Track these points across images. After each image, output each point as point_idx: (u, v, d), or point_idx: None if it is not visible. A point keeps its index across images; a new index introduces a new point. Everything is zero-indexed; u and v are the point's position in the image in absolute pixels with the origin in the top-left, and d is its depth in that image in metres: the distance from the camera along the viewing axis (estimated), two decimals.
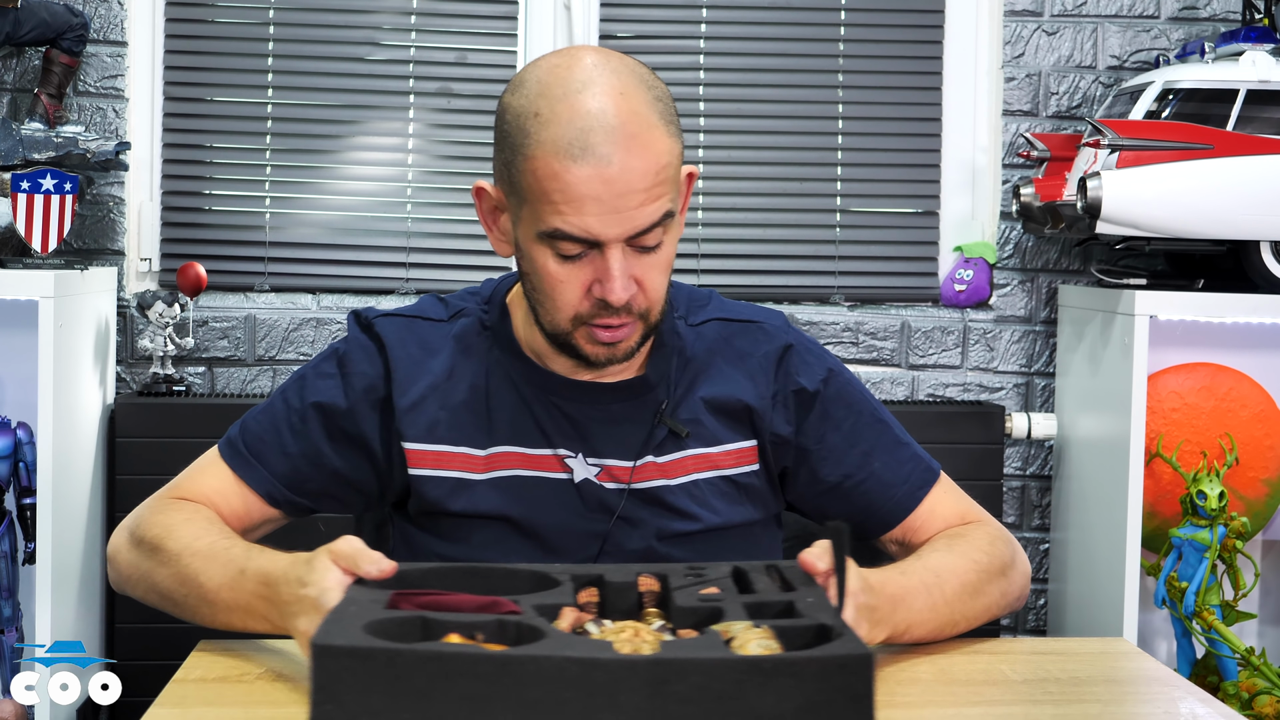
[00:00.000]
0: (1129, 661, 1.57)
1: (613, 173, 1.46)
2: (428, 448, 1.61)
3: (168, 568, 1.52)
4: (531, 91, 1.50)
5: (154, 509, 1.62)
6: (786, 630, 1.24)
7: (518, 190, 1.51)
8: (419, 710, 1.14)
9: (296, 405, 1.65)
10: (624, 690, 1.14)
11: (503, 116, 1.53)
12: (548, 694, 1.14)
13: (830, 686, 1.15)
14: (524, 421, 1.62)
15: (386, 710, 1.14)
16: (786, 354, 1.68)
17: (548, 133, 1.47)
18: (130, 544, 1.59)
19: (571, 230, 1.48)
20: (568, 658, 1.15)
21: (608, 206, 1.47)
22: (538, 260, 1.52)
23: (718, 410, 1.65)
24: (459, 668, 1.14)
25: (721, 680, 1.14)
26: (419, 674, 1.14)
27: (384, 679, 1.14)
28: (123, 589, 1.62)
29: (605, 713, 1.14)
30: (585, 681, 1.14)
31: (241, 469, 1.64)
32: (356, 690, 1.14)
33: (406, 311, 1.68)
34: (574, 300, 1.52)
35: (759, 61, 3.09)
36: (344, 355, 1.66)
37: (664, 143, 1.50)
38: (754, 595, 1.34)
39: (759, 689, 1.15)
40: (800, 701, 1.14)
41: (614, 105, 1.47)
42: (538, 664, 1.15)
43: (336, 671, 1.14)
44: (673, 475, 1.63)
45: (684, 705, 1.14)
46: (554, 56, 1.54)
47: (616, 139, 1.46)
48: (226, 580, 1.46)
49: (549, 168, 1.47)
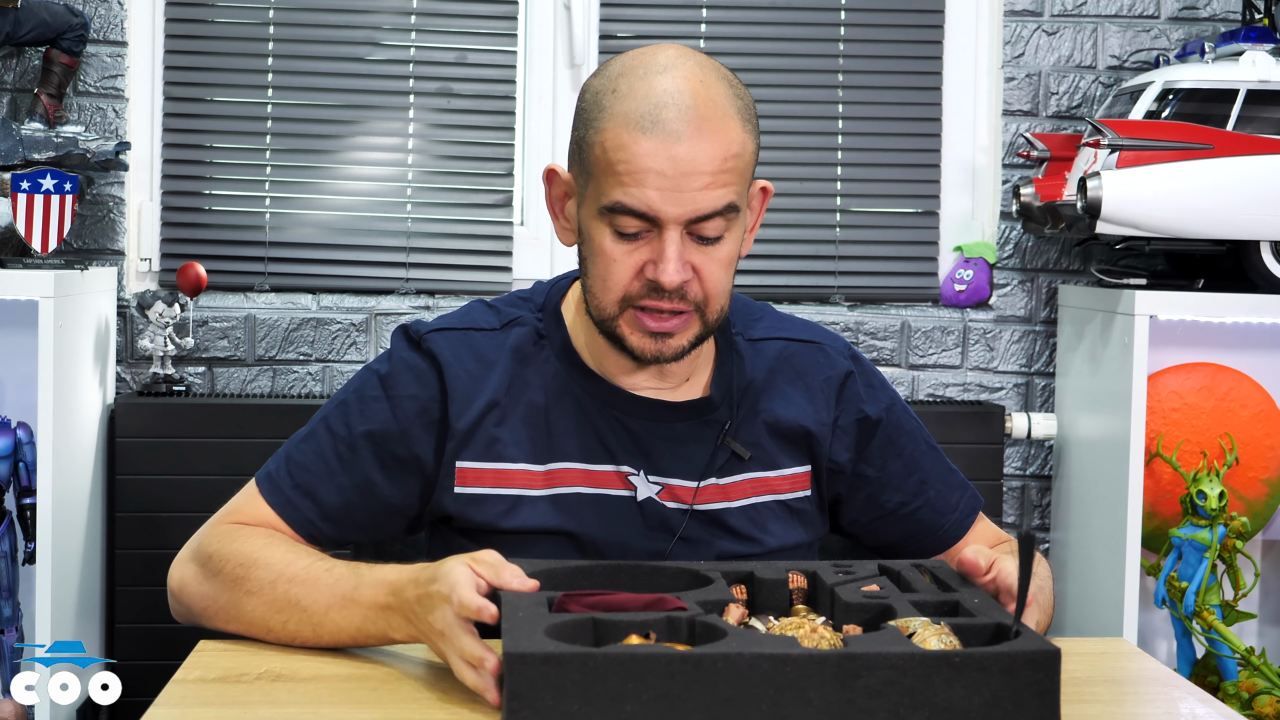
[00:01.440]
0: (1129, 661, 1.57)
1: (680, 150, 1.45)
2: (486, 465, 1.58)
3: (258, 597, 1.49)
4: (614, 71, 1.51)
5: (220, 538, 1.57)
6: (964, 628, 1.27)
7: (585, 166, 1.51)
8: (612, 712, 1.17)
9: (344, 434, 1.59)
10: (813, 684, 1.17)
11: (582, 96, 1.53)
12: (739, 691, 1.17)
13: (1018, 682, 1.19)
14: (586, 437, 1.58)
15: (580, 714, 1.16)
16: (848, 380, 1.66)
17: (621, 106, 1.47)
18: (203, 576, 1.55)
19: (631, 203, 1.46)
20: (759, 654, 1.18)
21: (670, 183, 1.45)
22: (596, 238, 1.50)
23: (777, 434, 1.63)
24: (651, 668, 1.17)
25: (911, 674, 1.18)
26: (612, 676, 1.16)
27: (577, 683, 1.16)
28: (192, 621, 1.58)
29: (795, 706, 1.17)
30: (776, 677, 1.17)
31: (283, 507, 1.58)
32: (551, 695, 1.16)
33: (458, 323, 1.62)
34: (624, 280, 1.50)
35: (759, 61, 3.09)
36: (387, 377, 1.60)
37: (736, 134, 1.48)
38: (916, 594, 1.37)
39: (947, 683, 1.18)
40: (988, 696, 1.18)
41: (690, 88, 1.47)
42: (729, 661, 1.17)
43: (531, 678, 1.17)
44: (733, 498, 1.61)
45: (873, 699, 1.18)
46: (644, 48, 1.54)
47: (688, 118, 1.45)
48: (335, 601, 1.44)
49: (617, 138, 1.46)
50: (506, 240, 3.05)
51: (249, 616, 1.50)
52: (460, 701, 1.34)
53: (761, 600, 1.43)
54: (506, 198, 3.05)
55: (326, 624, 1.45)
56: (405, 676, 1.42)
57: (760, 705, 1.17)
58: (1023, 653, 1.20)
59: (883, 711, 1.17)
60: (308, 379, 2.97)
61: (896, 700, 1.18)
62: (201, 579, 1.55)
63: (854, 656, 1.18)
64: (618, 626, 1.26)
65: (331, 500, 1.58)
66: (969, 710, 1.18)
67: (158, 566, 2.75)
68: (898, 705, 1.18)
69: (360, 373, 1.64)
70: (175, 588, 1.59)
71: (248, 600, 1.50)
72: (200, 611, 1.55)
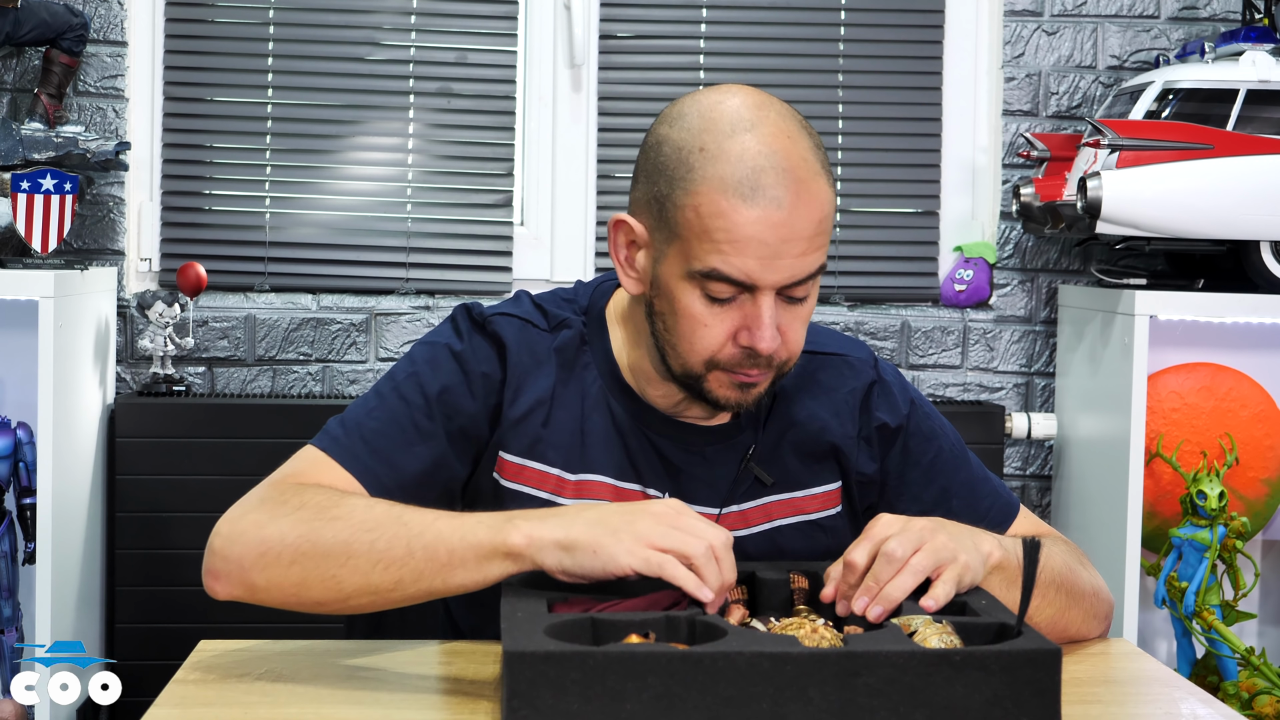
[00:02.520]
0: (1129, 662, 1.57)
1: (781, 217, 1.42)
2: (525, 462, 1.56)
3: (344, 521, 1.38)
4: (693, 125, 1.46)
5: (294, 485, 1.46)
6: (966, 627, 1.28)
7: (669, 225, 1.46)
8: (612, 711, 1.17)
9: (420, 403, 1.53)
10: (814, 683, 1.18)
11: (658, 149, 1.48)
12: (740, 689, 1.17)
13: (1018, 680, 1.19)
14: (617, 452, 1.57)
15: (581, 712, 1.17)
16: (871, 390, 1.64)
17: (714, 169, 1.42)
18: (273, 518, 1.41)
19: (730, 272, 1.43)
20: (759, 653, 1.18)
21: (771, 251, 1.42)
22: (682, 299, 1.46)
23: (804, 453, 1.62)
24: (652, 667, 1.17)
25: (912, 672, 1.18)
26: (612, 675, 1.17)
27: (577, 682, 1.17)
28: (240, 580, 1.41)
29: (795, 705, 1.18)
30: (776, 675, 1.18)
31: (363, 473, 1.49)
32: (551, 694, 1.17)
33: (516, 312, 1.59)
34: (714, 345, 1.47)
35: (759, 61, 3.09)
36: (462, 353, 1.55)
37: (826, 193, 1.45)
38: (919, 593, 1.37)
39: (948, 681, 1.18)
40: (989, 695, 1.19)
41: (783, 148, 1.43)
42: (730, 660, 1.18)
43: (530, 677, 1.17)
44: (755, 522, 1.60)
45: (874, 697, 1.18)
46: (710, 93, 1.49)
47: (786, 182, 1.42)
48: (446, 515, 1.38)
49: (715, 205, 1.42)
50: (506, 240, 3.05)
51: (326, 543, 1.38)
52: (460, 701, 1.34)
53: (763, 600, 1.44)
54: (506, 198, 3.05)
55: (428, 533, 1.36)
56: (405, 676, 1.42)
57: (760, 704, 1.17)
58: (1023, 652, 1.20)
59: (883, 710, 1.18)
60: (308, 379, 2.97)
61: (897, 699, 1.18)
62: (267, 521, 1.41)
63: (854, 655, 1.19)
64: (617, 626, 1.26)
65: (411, 469, 1.51)
66: (969, 709, 1.18)
67: (158, 566, 2.77)
68: (898, 704, 1.18)
69: (423, 348, 1.58)
70: (222, 543, 1.43)
71: (330, 525, 1.39)
72: (258, 557, 1.40)
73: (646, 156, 1.50)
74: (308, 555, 1.39)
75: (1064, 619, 1.55)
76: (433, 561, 1.36)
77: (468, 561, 1.36)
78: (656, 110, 3.15)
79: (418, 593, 1.38)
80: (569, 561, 1.32)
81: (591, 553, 1.31)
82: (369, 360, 2.98)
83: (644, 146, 1.51)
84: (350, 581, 1.38)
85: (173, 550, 2.75)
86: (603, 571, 1.31)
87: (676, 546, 1.31)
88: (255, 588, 1.41)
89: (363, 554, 1.37)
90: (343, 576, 1.38)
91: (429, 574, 1.37)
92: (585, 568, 1.32)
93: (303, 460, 1.51)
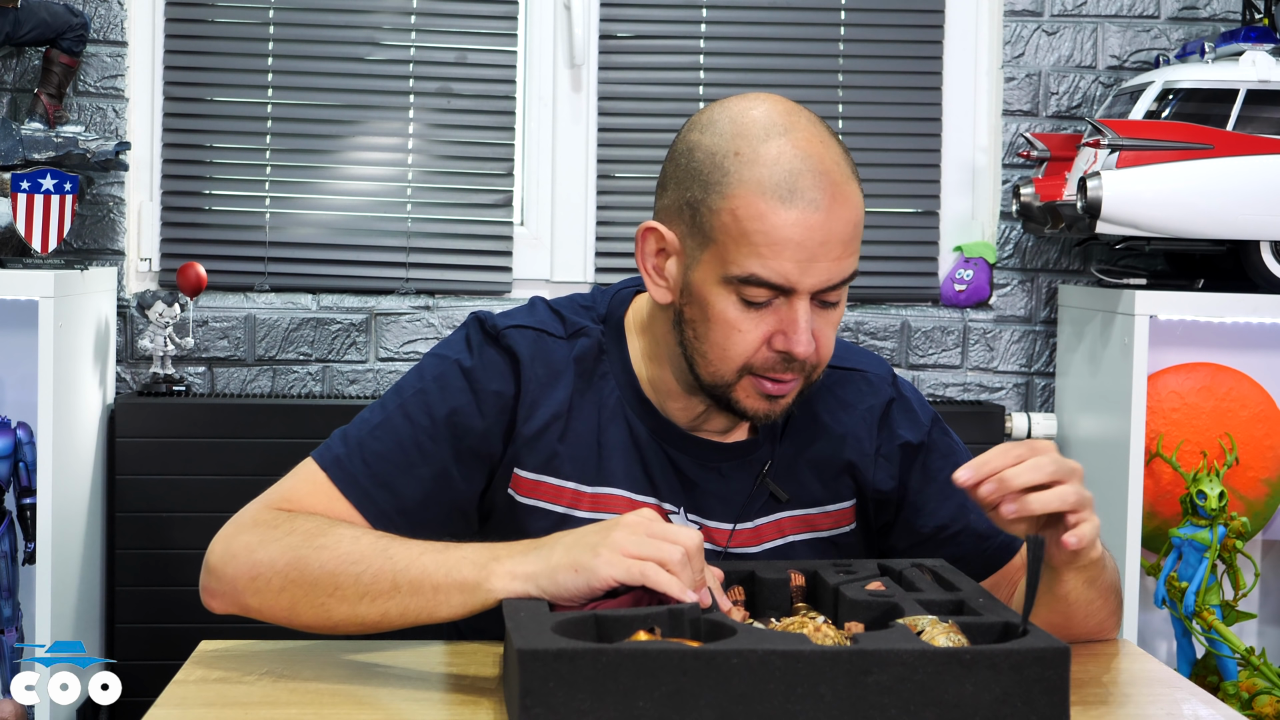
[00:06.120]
0: (1131, 662, 1.57)
1: (819, 219, 1.43)
2: (541, 478, 1.55)
3: (332, 550, 1.40)
4: (725, 130, 1.45)
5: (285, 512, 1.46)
6: (971, 626, 1.28)
7: (703, 230, 1.45)
8: (624, 708, 1.17)
9: (425, 424, 1.52)
10: (825, 681, 1.19)
11: (689, 155, 1.47)
12: (751, 687, 1.18)
13: (1027, 678, 1.20)
14: (634, 466, 1.56)
15: (592, 710, 1.17)
16: (890, 408, 1.64)
17: (751, 172, 1.42)
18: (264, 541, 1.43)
19: (768, 275, 1.43)
20: (772, 650, 1.19)
21: (808, 254, 1.43)
22: (715, 305, 1.46)
23: (820, 470, 1.61)
24: (664, 664, 1.17)
25: (922, 671, 1.19)
26: (624, 673, 1.17)
27: (590, 679, 1.17)
28: (234, 598, 1.45)
29: (806, 702, 1.19)
30: (789, 673, 1.18)
31: (362, 500, 1.49)
32: (563, 691, 1.17)
33: (530, 323, 1.57)
34: (748, 350, 1.46)
35: (759, 61, 3.09)
36: (472, 370, 1.53)
37: (858, 197, 1.48)
38: (921, 593, 1.38)
39: (958, 680, 1.19)
40: (998, 693, 1.20)
41: (817, 151, 1.44)
42: (742, 657, 1.18)
43: (543, 674, 1.17)
44: (767, 538, 1.60)
45: (884, 695, 1.19)
46: (738, 100, 1.49)
47: (823, 185, 1.43)
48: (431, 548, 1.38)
49: (753, 208, 1.42)
50: (506, 240, 3.04)
51: (313, 573, 1.39)
52: (462, 701, 1.34)
53: (762, 600, 1.44)
54: (506, 198, 3.05)
55: (413, 569, 1.37)
56: (406, 676, 1.42)
57: (772, 701, 1.18)
58: (1032, 650, 1.21)
59: (894, 708, 1.18)
60: (308, 379, 2.97)
61: (907, 697, 1.19)
62: (258, 545, 1.43)
63: (865, 653, 1.19)
64: (621, 622, 1.26)
65: (411, 494, 1.51)
66: (979, 707, 1.19)
67: (158, 566, 2.77)
68: (908, 702, 1.19)
69: (432, 361, 1.56)
70: (217, 562, 1.46)
71: (317, 555, 1.40)
72: (249, 580, 1.43)
73: (676, 163, 1.49)
74: (296, 583, 1.41)
75: (1110, 620, 1.59)
76: (417, 596, 1.38)
77: (452, 598, 1.37)
78: (657, 110, 3.17)
79: (405, 624, 1.40)
80: (553, 588, 1.33)
81: (573, 572, 1.32)
82: (369, 360, 2.98)
83: (672, 153, 1.50)
84: (338, 611, 1.40)
85: (173, 550, 2.75)
86: (587, 588, 1.31)
87: (653, 554, 1.31)
88: (249, 608, 1.45)
89: (349, 586, 1.39)
90: (331, 606, 1.40)
91: (414, 609, 1.38)
92: (569, 588, 1.32)
93: (302, 480, 1.51)
